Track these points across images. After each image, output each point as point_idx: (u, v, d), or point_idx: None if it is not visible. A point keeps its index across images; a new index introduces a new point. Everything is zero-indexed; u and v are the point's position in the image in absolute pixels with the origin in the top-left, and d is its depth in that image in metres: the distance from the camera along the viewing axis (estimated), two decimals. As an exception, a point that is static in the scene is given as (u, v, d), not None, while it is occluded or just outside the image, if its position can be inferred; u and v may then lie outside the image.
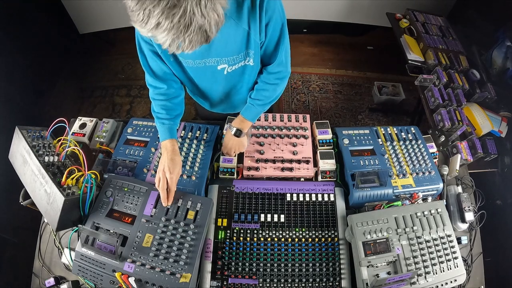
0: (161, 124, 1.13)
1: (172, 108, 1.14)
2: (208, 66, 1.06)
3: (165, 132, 1.12)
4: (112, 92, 3.03)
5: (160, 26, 0.66)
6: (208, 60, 1.04)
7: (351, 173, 1.24)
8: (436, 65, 2.04)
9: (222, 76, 1.12)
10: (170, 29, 0.67)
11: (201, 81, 1.18)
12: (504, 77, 2.03)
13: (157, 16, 0.65)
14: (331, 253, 1.12)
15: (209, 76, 1.12)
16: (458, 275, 1.08)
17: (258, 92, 1.18)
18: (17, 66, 2.50)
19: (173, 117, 1.14)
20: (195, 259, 1.01)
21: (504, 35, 2.08)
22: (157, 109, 1.13)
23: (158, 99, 1.13)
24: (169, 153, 1.09)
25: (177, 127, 1.17)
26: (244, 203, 1.20)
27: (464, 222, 1.23)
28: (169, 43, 0.71)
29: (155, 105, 1.14)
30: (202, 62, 1.04)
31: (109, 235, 1.03)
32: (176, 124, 1.16)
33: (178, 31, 0.68)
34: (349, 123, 2.84)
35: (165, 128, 1.12)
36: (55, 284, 1.11)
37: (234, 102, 1.33)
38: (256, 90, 1.19)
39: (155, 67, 1.08)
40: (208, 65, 1.05)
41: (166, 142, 1.11)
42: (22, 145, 1.15)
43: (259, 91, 1.18)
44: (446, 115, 1.72)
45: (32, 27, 2.61)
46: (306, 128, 1.39)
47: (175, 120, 1.15)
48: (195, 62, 1.04)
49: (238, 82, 1.19)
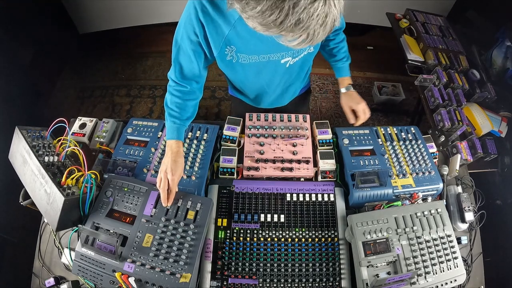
0: (172, 122, 1.10)
1: (185, 109, 1.11)
2: (272, 61, 1.06)
3: (173, 132, 1.10)
4: (112, 92, 3.03)
5: (300, 22, 0.63)
6: (273, 55, 1.04)
7: (351, 173, 1.24)
8: (436, 65, 2.04)
9: (283, 69, 1.13)
10: (308, 25, 0.63)
11: (259, 76, 1.17)
12: (504, 77, 2.04)
13: (296, 13, 0.61)
14: (331, 253, 1.12)
15: (270, 70, 1.13)
16: (458, 275, 1.08)
17: (339, 53, 1.29)
18: (17, 66, 2.51)
19: (185, 118, 1.12)
20: (195, 259, 1.01)
21: (504, 35, 2.08)
22: (171, 105, 1.10)
23: (175, 95, 1.10)
24: (173, 154, 1.07)
25: (185, 129, 1.15)
26: (244, 203, 1.20)
27: (464, 222, 1.23)
28: (303, 38, 0.68)
29: (170, 101, 1.11)
30: (266, 57, 1.04)
31: (109, 235, 1.03)
32: (185, 126, 1.13)
33: (317, 25, 0.64)
34: (349, 123, 2.84)
35: (174, 128, 1.10)
36: (55, 284, 1.11)
37: (286, 93, 1.37)
38: (337, 53, 1.29)
39: (186, 66, 1.05)
40: (271, 60, 1.06)
41: (172, 142, 1.09)
42: (22, 145, 1.15)
43: (339, 51, 1.29)
44: (446, 115, 1.72)
45: (32, 27, 2.62)
46: (306, 128, 1.39)
47: (185, 122, 1.12)
48: (260, 57, 1.04)
49: (297, 73, 1.23)
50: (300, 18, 0.62)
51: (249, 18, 0.68)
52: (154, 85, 3.00)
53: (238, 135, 1.36)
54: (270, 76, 1.18)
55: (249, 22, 0.70)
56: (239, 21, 0.92)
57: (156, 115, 2.84)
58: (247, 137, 1.34)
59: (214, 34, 0.97)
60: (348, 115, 1.34)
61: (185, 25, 0.96)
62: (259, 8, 0.63)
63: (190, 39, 0.98)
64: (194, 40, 0.98)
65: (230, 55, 1.04)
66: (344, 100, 1.37)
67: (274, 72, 1.15)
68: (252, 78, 1.19)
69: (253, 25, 0.70)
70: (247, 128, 1.37)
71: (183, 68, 1.07)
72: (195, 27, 0.95)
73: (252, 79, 1.19)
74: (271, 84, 1.25)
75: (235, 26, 0.94)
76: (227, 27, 0.95)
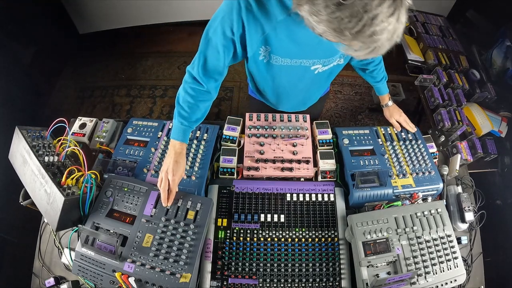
0: (179, 123, 1.07)
1: (196, 110, 1.09)
2: (302, 66, 1.08)
3: (179, 133, 1.08)
4: (112, 92, 3.03)
5: (374, 34, 0.64)
6: (305, 61, 1.06)
7: (351, 173, 1.24)
8: (436, 65, 2.04)
9: (311, 75, 1.14)
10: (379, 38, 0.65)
11: (286, 79, 1.18)
12: (504, 77, 2.04)
13: (374, 25, 0.63)
14: (331, 253, 1.12)
15: (298, 75, 1.14)
16: (458, 275, 1.08)
17: (379, 74, 1.36)
18: (17, 66, 2.51)
19: (193, 120, 1.09)
20: (195, 259, 1.01)
21: (504, 35, 2.08)
22: (183, 103, 1.07)
23: (189, 93, 1.06)
24: (176, 155, 1.06)
25: (191, 131, 1.13)
26: (244, 203, 1.20)
27: (464, 222, 1.23)
28: (370, 50, 0.69)
29: (183, 99, 1.08)
30: (298, 62, 1.06)
31: (109, 235, 1.03)
32: (192, 128, 1.11)
33: (386, 39, 0.66)
34: (349, 123, 2.84)
35: (181, 129, 1.08)
36: (55, 284, 1.11)
37: (308, 100, 1.42)
38: (377, 74, 1.36)
39: (212, 61, 1.02)
40: (302, 65, 1.07)
41: (176, 143, 1.08)
42: (22, 145, 1.15)
43: (378, 72, 1.35)
44: (446, 115, 1.72)
45: (32, 27, 2.62)
46: (306, 128, 1.39)
47: (193, 124, 1.10)
48: (292, 61, 1.05)
49: (323, 81, 1.28)
50: (375, 30, 0.64)
51: (322, 22, 0.67)
52: (154, 85, 3.00)
53: (238, 135, 1.36)
54: (296, 81, 1.19)
55: (320, 25, 0.69)
56: (281, 23, 0.93)
57: (156, 115, 2.83)
58: (247, 137, 1.34)
59: (253, 33, 0.96)
60: (395, 126, 1.44)
61: (223, 19, 0.93)
62: (338, 14, 0.63)
63: (225, 34, 0.95)
64: (229, 36, 0.96)
65: (263, 55, 1.05)
66: (387, 114, 1.47)
67: (302, 77, 1.16)
68: (278, 80, 1.19)
69: (322, 29, 0.69)
70: (247, 128, 1.37)
71: (207, 62, 1.02)
72: (233, 23, 0.93)
73: (278, 81, 1.20)
74: (295, 89, 1.26)
75: (276, 27, 0.94)
76: (268, 27, 0.94)
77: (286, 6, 0.88)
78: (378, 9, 0.61)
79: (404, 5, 0.65)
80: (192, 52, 1.05)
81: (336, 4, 0.62)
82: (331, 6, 0.63)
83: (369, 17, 0.62)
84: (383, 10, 0.62)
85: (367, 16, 0.62)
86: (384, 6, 0.62)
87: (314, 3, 0.66)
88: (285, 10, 0.89)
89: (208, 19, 0.98)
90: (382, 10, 0.62)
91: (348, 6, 0.61)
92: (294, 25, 0.92)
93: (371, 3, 0.61)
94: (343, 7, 0.62)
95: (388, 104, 1.46)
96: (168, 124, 1.37)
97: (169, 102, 2.89)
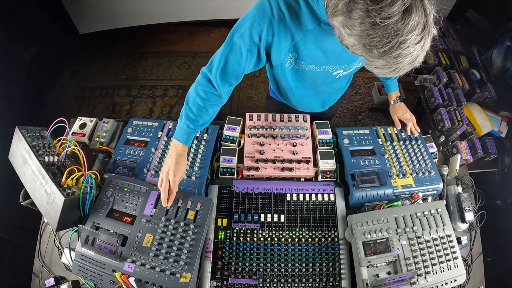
0: (185, 125, 1.07)
1: (204, 114, 1.08)
2: (325, 72, 1.11)
3: (183, 135, 1.07)
4: (112, 92, 3.03)
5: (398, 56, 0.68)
6: (328, 67, 1.09)
7: (351, 173, 1.24)
8: (436, 65, 2.04)
9: (333, 79, 1.19)
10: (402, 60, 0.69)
11: (310, 83, 1.21)
12: (504, 77, 2.04)
13: (401, 48, 0.67)
14: (331, 253, 1.12)
15: (321, 79, 1.18)
16: (458, 275, 1.08)
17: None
18: (17, 66, 2.51)
19: (200, 124, 1.09)
20: (195, 259, 1.01)
21: (504, 35, 2.08)
22: (192, 105, 1.06)
23: (201, 96, 1.05)
24: (178, 156, 1.06)
25: (195, 134, 1.12)
26: (244, 203, 1.20)
27: (464, 222, 1.23)
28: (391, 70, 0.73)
29: (192, 101, 1.06)
30: (322, 68, 1.09)
31: (109, 235, 1.03)
32: (196, 132, 1.11)
33: (408, 62, 0.70)
34: (349, 123, 2.84)
35: (185, 132, 1.07)
36: (55, 284, 1.11)
37: (328, 99, 1.44)
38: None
39: (232, 64, 1.01)
40: (326, 71, 1.11)
41: (179, 144, 1.07)
42: (22, 145, 1.15)
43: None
44: (446, 115, 1.72)
45: (32, 27, 2.62)
46: (306, 128, 1.39)
47: (198, 127, 1.10)
48: (316, 67, 1.09)
49: (343, 84, 1.35)
50: (401, 53, 0.67)
51: (354, 35, 0.70)
52: (154, 85, 3.00)
53: (238, 135, 1.36)
54: (319, 84, 1.23)
55: (351, 38, 0.72)
56: (310, 32, 0.95)
57: (156, 115, 2.83)
58: (247, 137, 1.34)
59: (283, 41, 0.97)
60: (396, 122, 1.47)
61: (252, 25, 0.93)
62: (371, 32, 0.66)
63: (252, 40, 0.95)
64: (255, 42, 0.96)
65: (289, 62, 1.07)
66: (393, 110, 1.50)
67: (324, 81, 1.21)
68: (301, 84, 1.22)
69: (352, 42, 0.73)
70: (247, 128, 1.36)
71: (228, 66, 1.01)
72: (263, 31, 0.94)
73: (301, 85, 1.23)
74: (317, 91, 1.31)
75: (306, 35, 0.96)
76: (298, 35, 0.96)
77: (317, 16, 0.91)
78: (408, 35, 0.65)
79: (431, 35, 0.68)
80: (193, 52, 1.05)
81: (372, 24, 0.65)
82: (367, 23, 0.66)
83: (399, 41, 0.66)
84: (413, 37, 0.65)
85: (397, 40, 0.65)
86: (414, 33, 0.65)
87: (350, 16, 0.68)
88: (315, 21, 0.92)
89: (208, 19, 0.98)
90: (412, 37, 0.65)
91: (382, 27, 0.65)
92: (322, 35, 0.95)
93: (403, 28, 0.64)
94: (378, 27, 0.65)
95: (397, 101, 1.50)
96: (168, 124, 1.37)
97: (169, 102, 2.89)
